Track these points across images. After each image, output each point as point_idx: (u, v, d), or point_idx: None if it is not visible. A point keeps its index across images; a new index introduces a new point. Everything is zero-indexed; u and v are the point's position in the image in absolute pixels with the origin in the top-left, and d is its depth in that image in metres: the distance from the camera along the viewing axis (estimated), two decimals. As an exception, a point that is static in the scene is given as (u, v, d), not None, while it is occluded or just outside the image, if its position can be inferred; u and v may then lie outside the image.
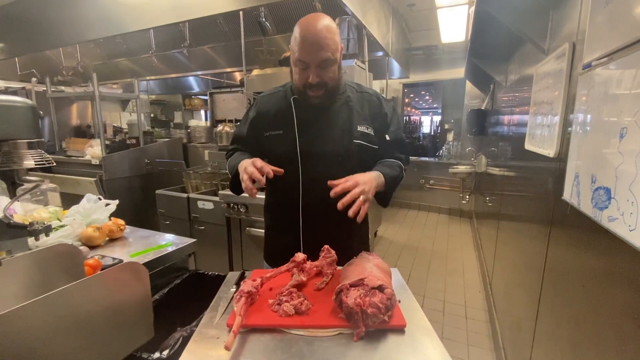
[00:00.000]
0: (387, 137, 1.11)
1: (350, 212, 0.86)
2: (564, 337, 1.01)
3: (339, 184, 0.88)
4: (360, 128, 1.07)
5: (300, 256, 0.90)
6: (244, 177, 0.91)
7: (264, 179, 0.90)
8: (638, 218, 0.59)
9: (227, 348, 0.65)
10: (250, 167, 0.91)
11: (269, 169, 0.92)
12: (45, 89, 3.29)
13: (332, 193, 0.88)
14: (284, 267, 0.90)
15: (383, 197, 1.08)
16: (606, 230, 0.71)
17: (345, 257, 1.03)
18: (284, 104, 1.09)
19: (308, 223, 1.10)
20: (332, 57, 0.94)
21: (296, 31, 0.94)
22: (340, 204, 0.86)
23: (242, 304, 0.76)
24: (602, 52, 0.80)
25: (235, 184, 1.03)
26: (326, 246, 0.95)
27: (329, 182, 0.89)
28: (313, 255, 1.12)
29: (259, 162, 0.92)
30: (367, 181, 0.92)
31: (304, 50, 0.92)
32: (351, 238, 1.16)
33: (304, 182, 1.06)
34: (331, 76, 0.98)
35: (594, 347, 0.81)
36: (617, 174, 0.67)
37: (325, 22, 0.93)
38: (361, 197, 0.87)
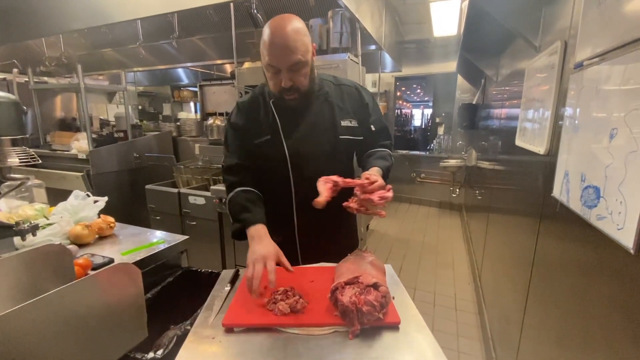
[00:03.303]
0: (373, 128, 1.13)
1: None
2: (551, 328, 1.04)
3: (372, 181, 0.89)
4: (344, 123, 1.08)
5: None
6: (252, 285, 0.81)
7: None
8: (626, 217, 0.60)
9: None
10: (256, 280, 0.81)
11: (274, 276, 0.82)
12: (27, 80, 3.17)
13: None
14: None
15: None
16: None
17: (334, 251, 1.06)
18: (265, 109, 1.08)
19: (302, 223, 1.11)
20: (303, 59, 0.93)
21: (264, 35, 0.92)
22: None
23: (328, 187, 0.84)
24: (594, 51, 0.81)
25: (240, 234, 0.99)
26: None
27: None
28: (308, 253, 1.13)
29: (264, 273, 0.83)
30: (379, 176, 0.94)
31: (273, 55, 0.91)
32: (340, 233, 1.20)
33: (295, 183, 1.07)
34: (303, 80, 0.97)
35: (581, 339, 0.84)
36: (606, 173, 0.69)
37: (294, 23, 0.91)
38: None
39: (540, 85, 1.28)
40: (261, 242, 0.91)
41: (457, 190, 4.82)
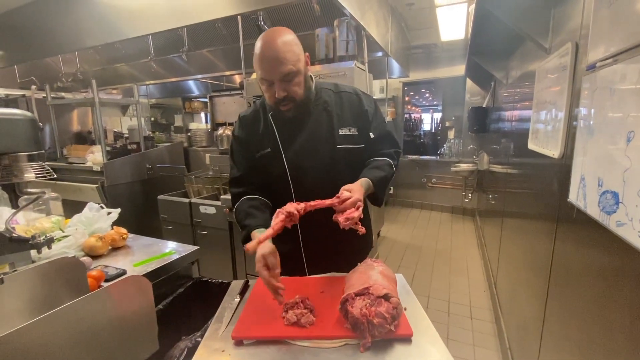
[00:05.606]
0: (372, 135, 1.10)
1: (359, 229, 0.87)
2: (572, 337, 1.00)
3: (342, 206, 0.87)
4: (342, 132, 1.06)
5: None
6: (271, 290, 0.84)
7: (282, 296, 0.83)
8: (648, 224, 0.58)
9: (247, 250, 0.77)
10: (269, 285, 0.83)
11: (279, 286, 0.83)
12: (45, 96, 3.30)
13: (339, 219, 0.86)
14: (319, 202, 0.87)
15: (375, 198, 1.08)
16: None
17: (343, 260, 1.05)
18: (264, 122, 1.09)
19: (306, 235, 1.11)
20: (294, 68, 0.93)
21: (255, 49, 0.93)
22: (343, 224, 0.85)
23: (279, 220, 0.81)
24: (607, 52, 0.79)
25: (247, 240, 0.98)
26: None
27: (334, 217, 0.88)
28: (315, 265, 1.12)
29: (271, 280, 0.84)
30: (357, 190, 0.91)
31: (264, 68, 0.93)
32: (348, 242, 1.13)
33: (296, 196, 1.06)
34: (296, 89, 0.97)
35: (604, 349, 0.80)
36: (624, 178, 0.66)
37: (282, 35, 0.92)
38: (357, 213, 0.86)
39: (552, 87, 1.25)
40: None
41: (470, 195, 4.73)
